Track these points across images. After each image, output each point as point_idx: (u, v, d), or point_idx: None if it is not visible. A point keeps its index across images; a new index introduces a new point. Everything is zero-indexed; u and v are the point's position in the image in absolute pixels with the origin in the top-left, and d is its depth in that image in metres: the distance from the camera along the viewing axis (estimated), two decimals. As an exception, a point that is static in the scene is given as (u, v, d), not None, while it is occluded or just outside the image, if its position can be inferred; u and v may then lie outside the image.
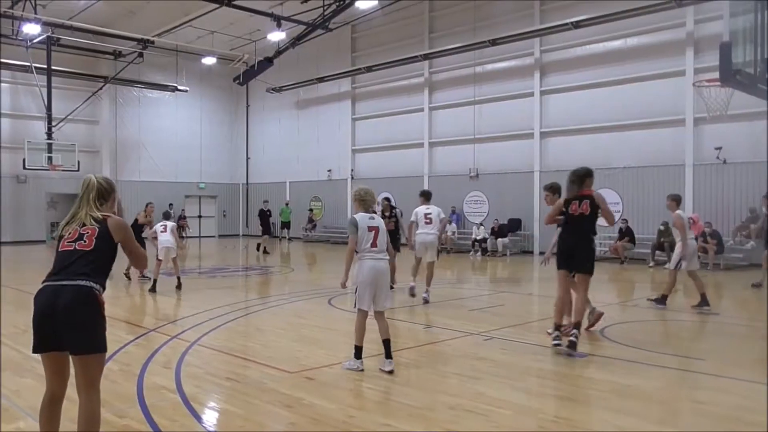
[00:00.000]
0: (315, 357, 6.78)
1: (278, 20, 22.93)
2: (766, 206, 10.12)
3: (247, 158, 33.66)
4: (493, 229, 21.65)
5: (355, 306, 6.28)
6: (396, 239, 11.79)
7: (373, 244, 6.12)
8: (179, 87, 29.71)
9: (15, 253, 21.94)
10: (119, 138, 29.49)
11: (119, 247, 3.81)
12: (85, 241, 3.64)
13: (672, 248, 17.15)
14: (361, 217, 6.25)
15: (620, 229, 18.75)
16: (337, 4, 22.20)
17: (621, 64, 19.73)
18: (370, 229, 6.16)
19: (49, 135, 25.98)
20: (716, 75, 9.00)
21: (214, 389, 5.68)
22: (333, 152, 28.66)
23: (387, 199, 12.80)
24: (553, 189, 8.02)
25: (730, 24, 8.10)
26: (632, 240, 18.45)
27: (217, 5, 21.53)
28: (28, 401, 5.21)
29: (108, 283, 3.79)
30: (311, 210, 29.45)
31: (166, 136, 30.68)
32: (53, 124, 26.16)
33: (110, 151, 29.10)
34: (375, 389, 5.63)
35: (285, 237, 28.42)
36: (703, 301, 9.67)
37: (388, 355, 6.13)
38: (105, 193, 3.88)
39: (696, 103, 16.83)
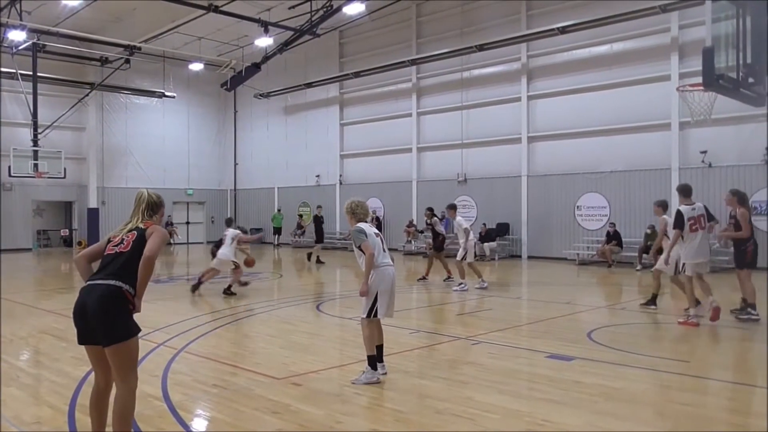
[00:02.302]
0: (303, 363, 6.77)
1: (266, 26, 22.90)
2: (730, 206, 9.72)
3: (235, 164, 33.58)
4: (480, 233, 21.70)
5: (371, 315, 5.98)
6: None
7: (384, 249, 6.12)
8: (166, 93, 29.62)
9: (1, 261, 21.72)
10: (106, 145, 29.33)
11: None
12: (123, 244, 3.99)
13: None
14: (367, 225, 6.15)
15: (607, 233, 18.87)
16: (325, 9, 22.19)
17: (607, 69, 19.88)
18: (376, 235, 6.13)
19: (35, 142, 25.78)
20: (700, 80, 9.07)
21: (202, 396, 5.65)
22: (321, 158, 28.65)
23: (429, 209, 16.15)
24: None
25: (712, 29, 8.20)
26: (619, 244, 18.56)
27: (204, 11, 21.47)
28: (13, 411, 5.16)
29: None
30: (300, 216, 29.42)
31: (154, 143, 30.55)
32: (39, 131, 25.96)
33: (97, 158, 28.93)
34: (362, 395, 5.63)
35: (278, 243, 28.43)
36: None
37: (380, 359, 6.13)
38: (155, 205, 4.25)
39: (681, 108, 16.98)
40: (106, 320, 3.78)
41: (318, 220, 21.13)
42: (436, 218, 15.66)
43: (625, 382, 5.97)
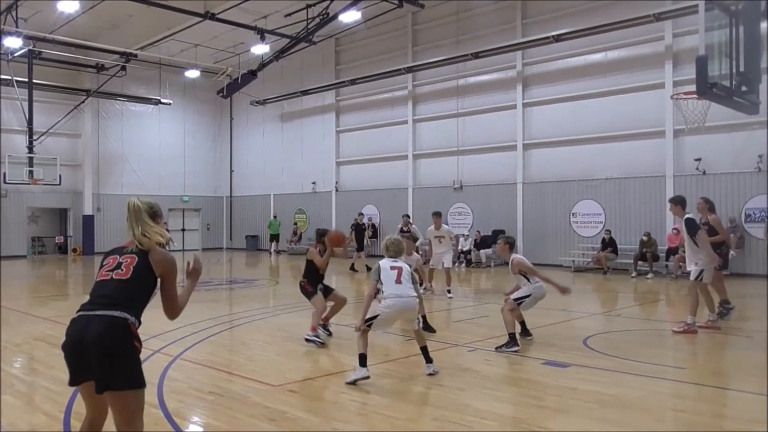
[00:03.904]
0: (299, 370, 6.77)
1: (262, 33, 22.97)
2: (701, 213, 9.96)
3: (231, 171, 33.57)
4: (475, 240, 21.74)
5: (368, 325, 6.33)
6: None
7: (397, 281, 6.40)
8: (162, 100, 29.61)
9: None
10: (102, 151, 29.28)
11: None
12: (122, 270, 3.45)
13: (655, 258, 17.46)
14: (385, 261, 6.61)
15: (603, 240, 18.92)
16: (321, 17, 22.27)
17: (602, 76, 19.99)
18: (392, 268, 6.49)
19: (31, 149, 25.74)
20: (694, 88, 9.13)
21: (198, 403, 5.64)
22: (317, 165, 28.67)
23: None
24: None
25: (705, 38, 8.24)
26: (615, 250, 18.61)
27: (200, 19, 21.53)
28: (8, 418, 5.15)
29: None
30: (296, 223, 29.41)
31: (149, 150, 30.52)
32: (35, 137, 25.93)
33: (92, 165, 28.87)
34: (358, 402, 5.63)
35: (275, 250, 28.39)
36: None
37: (428, 359, 6.47)
38: (153, 214, 3.68)
39: (675, 116, 17.10)
40: (114, 362, 3.22)
41: (359, 228, 21.51)
42: (414, 226, 15.68)
43: (621, 388, 5.98)
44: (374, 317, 6.33)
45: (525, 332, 8.23)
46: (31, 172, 25.57)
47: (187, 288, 3.82)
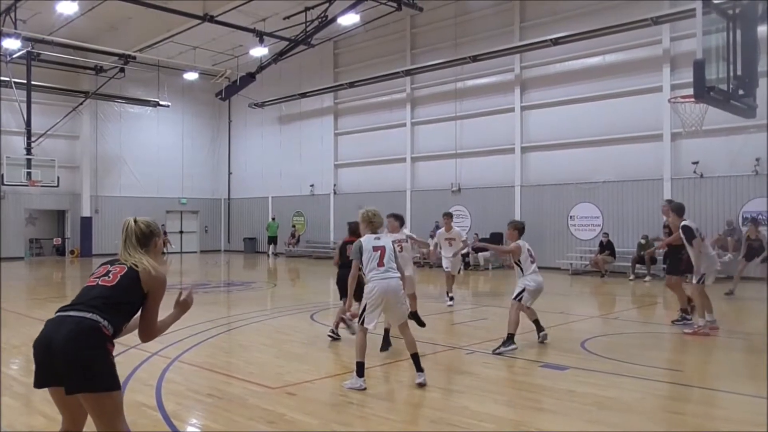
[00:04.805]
0: (297, 372, 6.77)
1: (260, 36, 22.99)
2: (665, 215, 10.07)
3: (229, 173, 33.57)
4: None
5: (360, 322, 6.17)
6: None
7: (380, 264, 6.13)
8: (161, 102, 29.62)
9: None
10: (100, 153, 29.27)
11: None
12: (109, 278, 3.39)
13: (653, 261, 17.48)
14: (367, 239, 6.29)
15: (600, 243, 18.94)
16: (320, 20, 22.29)
17: (599, 80, 20.03)
18: (375, 249, 6.20)
19: (29, 150, 25.73)
20: (691, 91, 9.16)
21: (196, 406, 5.64)
22: (315, 167, 28.68)
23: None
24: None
25: (703, 42, 8.28)
26: (612, 253, 18.64)
27: (199, 21, 21.54)
28: (6, 419, 5.15)
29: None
30: (294, 226, 29.41)
31: (148, 152, 30.51)
32: (33, 139, 25.91)
33: (90, 167, 28.85)
34: (357, 404, 5.63)
35: (273, 252, 28.39)
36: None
37: (419, 368, 6.13)
38: (144, 237, 3.56)
39: (673, 119, 17.15)
40: (81, 363, 3.11)
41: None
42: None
43: (619, 391, 6.00)
44: (363, 311, 6.15)
45: (539, 329, 8.28)
46: (29, 174, 25.56)
47: (172, 316, 3.76)
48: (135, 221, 3.59)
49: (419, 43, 24.79)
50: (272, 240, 28.74)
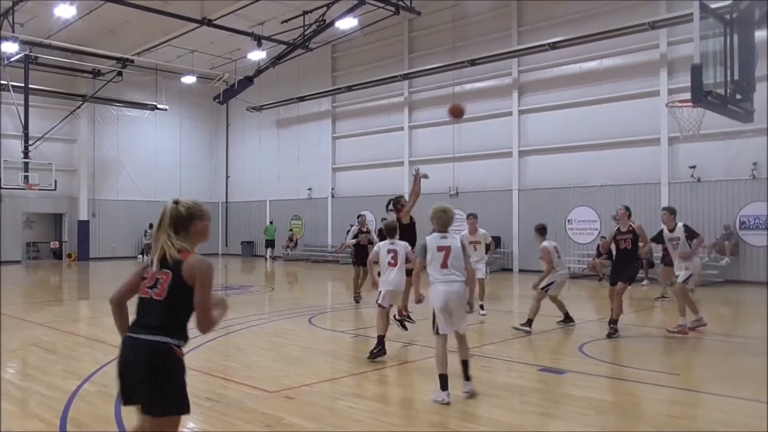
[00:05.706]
0: (295, 376, 6.76)
1: (258, 40, 23.03)
2: (622, 220, 10.05)
3: (227, 177, 33.56)
4: (472, 246, 21.75)
5: (435, 331, 5.92)
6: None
7: (443, 265, 5.87)
8: (159, 106, 29.63)
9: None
10: (97, 157, 29.25)
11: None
12: (158, 288, 3.29)
13: (650, 265, 17.48)
14: (432, 238, 6.02)
15: (598, 247, 18.93)
16: (318, 24, 22.34)
17: (597, 84, 20.09)
18: (440, 249, 5.92)
19: (26, 154, 25.70)
20: (689, 96, 9.18)
21: (194, 409, 5.57)
22: (313, 171, 28.69)
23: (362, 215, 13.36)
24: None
25: (700, 46, 8.28)
26: (610, 257, 18.60)
27: (197, 25, 21.57)
28: (3, 424, 5.13)
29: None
30: (291, 229, 29.39)
31: (145, 155, 30.51)
32: (30, 142, 25.89)
33: (88, 170, 28.83)
34: (355, 408, 5.63)
35: (271, 256, 28.38)
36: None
37: (467, 377, 5.91)
38: (180, 220, 3.43)
39: (670, 123, 17.19)
40: (158, 388, 3.21)
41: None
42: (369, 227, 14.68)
43: (617, 395, 6.00)
44: (434, 321, 5.86)
45: (568, 319, 9.50)
46: (26, 177, 25.50)
47: (218, 313, 3.58)
48: (176, 202, 3.50)
49: (417, 47, 24.84)
50: (270, 243, 28.73)
